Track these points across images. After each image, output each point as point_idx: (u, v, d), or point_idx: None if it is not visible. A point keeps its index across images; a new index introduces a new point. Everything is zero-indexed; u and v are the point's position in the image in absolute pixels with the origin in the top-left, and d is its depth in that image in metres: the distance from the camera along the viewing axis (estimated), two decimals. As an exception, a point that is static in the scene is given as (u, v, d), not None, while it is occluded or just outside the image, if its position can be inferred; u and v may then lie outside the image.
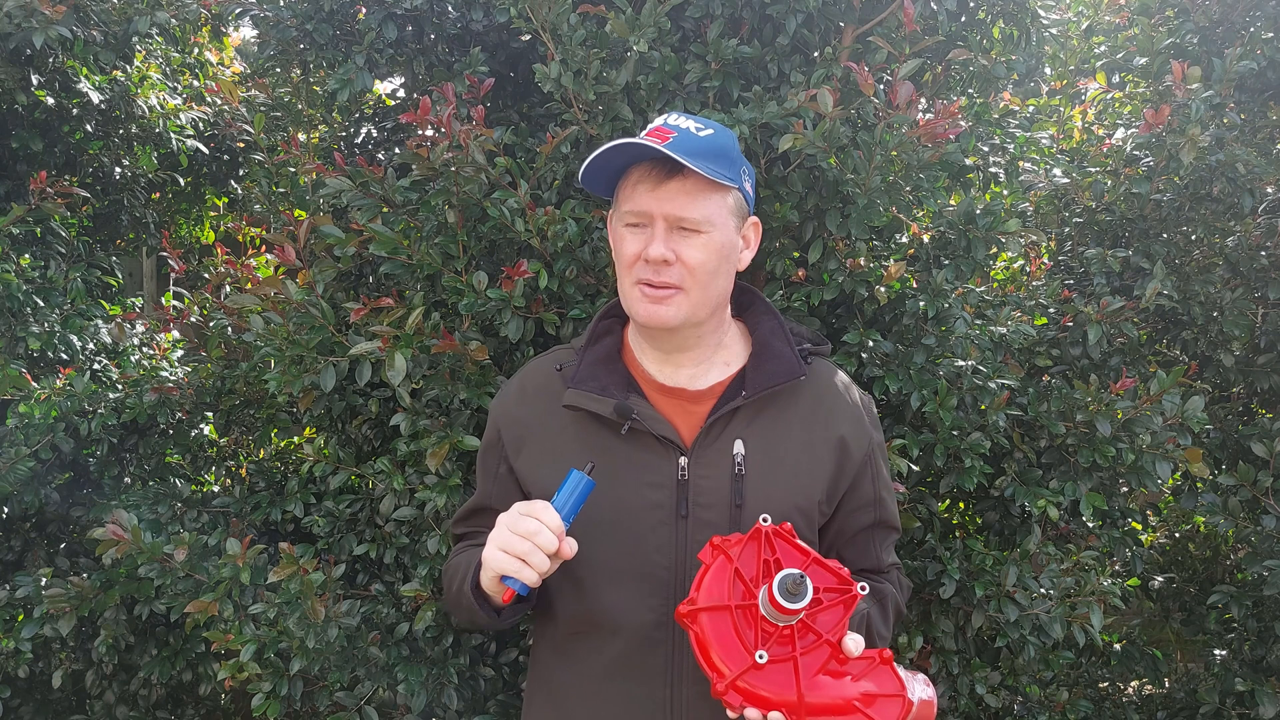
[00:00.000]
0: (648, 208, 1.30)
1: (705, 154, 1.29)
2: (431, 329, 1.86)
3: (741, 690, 1.16)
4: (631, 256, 1.32)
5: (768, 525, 1.22)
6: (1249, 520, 2.36)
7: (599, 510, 1.32)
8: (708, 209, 1.30)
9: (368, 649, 1.97)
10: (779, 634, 1.17)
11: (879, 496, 1.47)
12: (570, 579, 1.36)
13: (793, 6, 1.84)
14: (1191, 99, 2.19)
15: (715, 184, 1.30)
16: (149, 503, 2.31)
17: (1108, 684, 2.82)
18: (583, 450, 1.35)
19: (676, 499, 1.34)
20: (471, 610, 1.33)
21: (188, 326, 2.40)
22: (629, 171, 1.33)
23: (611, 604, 1.34)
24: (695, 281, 1.31)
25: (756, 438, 1.37)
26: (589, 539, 1.31)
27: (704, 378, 1.41)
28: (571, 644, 1.40)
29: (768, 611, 1.17)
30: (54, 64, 2.76)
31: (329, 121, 2.74)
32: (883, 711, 1.17)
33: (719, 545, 1.23)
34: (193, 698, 2.68)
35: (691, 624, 1.19)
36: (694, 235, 1.30)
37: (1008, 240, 2.04)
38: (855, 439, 1.42)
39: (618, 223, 1.36)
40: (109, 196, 3.13)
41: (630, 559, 1.34)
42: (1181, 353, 2.71)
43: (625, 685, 1.35)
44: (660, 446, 1.35)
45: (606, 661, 1.35)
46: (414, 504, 2.01)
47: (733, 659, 1.16)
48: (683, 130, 1.31)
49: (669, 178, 1.29)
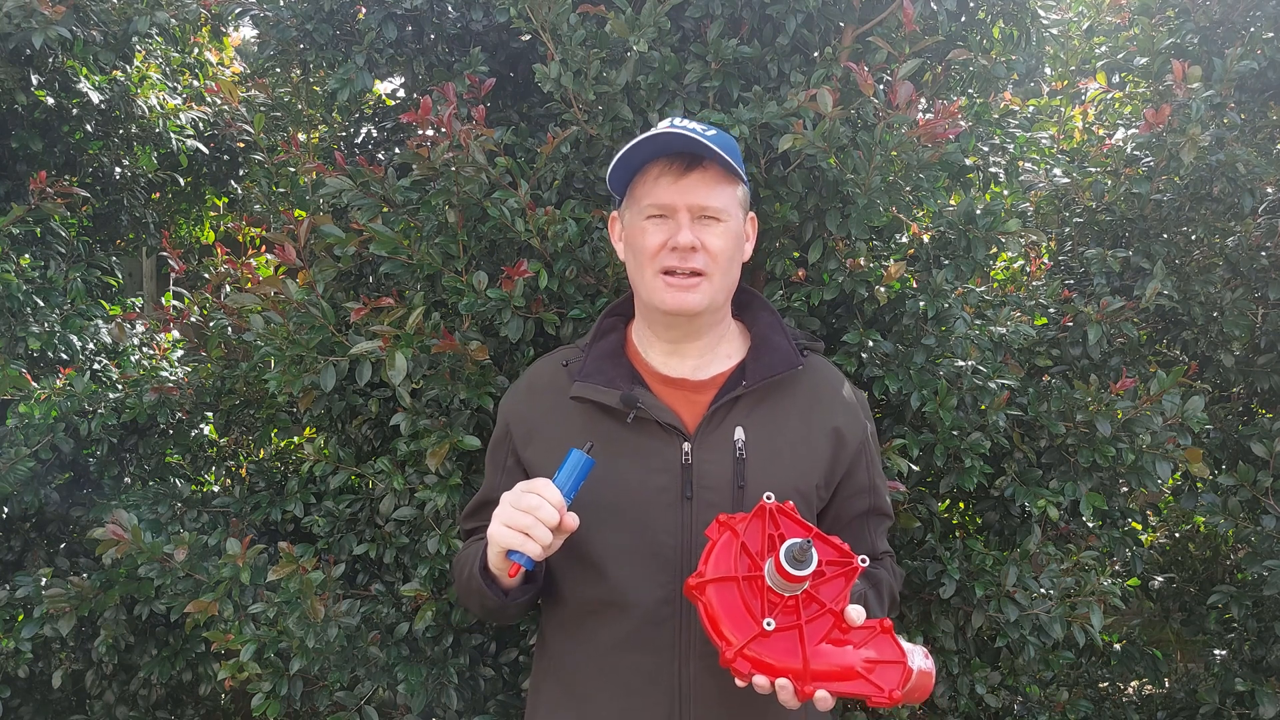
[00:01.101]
0: (671, 200, 1.38)
1: (720, 148, 1.36)
2: (431, 329, 1.86)
3: (749, 658, 1.21)
4: (655, 246, 1.39)
5: (771, 502, 1.27)
6: (1249, 520, 2.36)
7: (608, 495, 1.39)
8: (725, 199, 1.40)
9: (368, 649, 1.97)
10: (784, 604, 1.22)
11: (873, 484, 1.54)
12: (581, 561, 1.41)
13: (793, 6, 1.84)
14: (1192, 99, 2.19)
15: (729, 176, 1.40)
16: (149, 503, 2.31)
17: (1108, 684, 2.82)
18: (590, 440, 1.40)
19: (681, 482, 1.40)
20: (481, 594, 1.37)
21: (188, 326, 2.40)
22: (646, 168, 1.40)
23: (622, 582, 1.39)
24: (717, 267, 1.39)
25: (756, 425, 1.43)
26: (599, 522, 1.38)
27: (706, 369, 1.48)
28: (581, 623, 1.44)
29: (774, 582, 1.22)
30: (54, 64, 2.76)
31: (329, 121, 2.74)
32: (884, 677, 1.21)
33: (725, 522, 1.28)
34: (193, 698, 2.68)
35: (700, 596, 1.24)
36: (715, 223, 1.39)
37: (1008, 240, 2.04)
38: (850, 428, 1.50)
39: (636, 216, 1.42)
40: (109, 196, 3.13)
41: (639, 539, 1.39)
42: (1181, 353, 2.71)
43: (636, 659, 1.40)
44: (664, 433, 1.42)
45: (617, 638, 1.40)
46: (414, 504, 2.02)
47: (740, 628, 1.22)
48: (691, 129, 1.37)
49: (689, 170, 1.38)
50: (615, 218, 1.51)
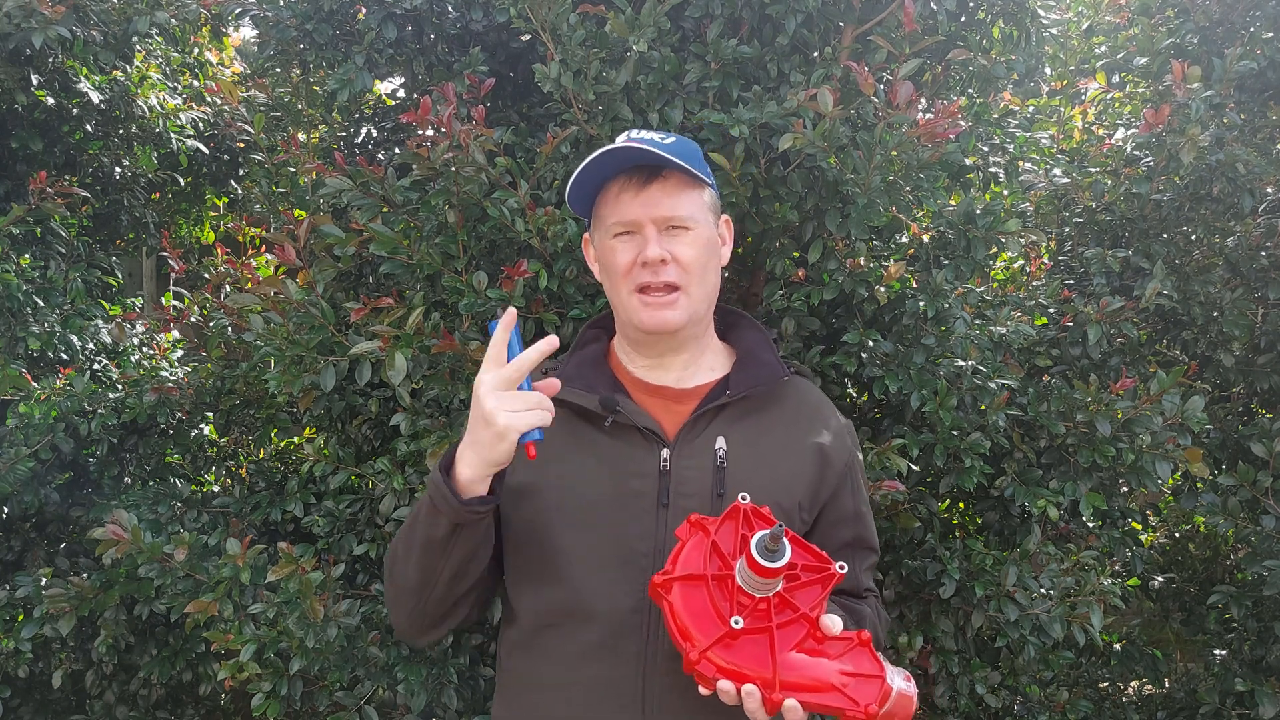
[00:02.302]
0: (634, 215, 1.35)
1: (677, 156, 1.34)
2: (431, 329, 1.86)
3: (714, 662, 1.13)
4: (626, 264, 1.36)
5: (746, 503, 1.22)
6: (1249, 520, 2.36)
7: (582, 499, 1.35)
8: (690, 206, 1.36)
9: (367, 649, 1.97)
10: (755, 606, 1.15)
11: (858, 512, 1.48)
12: (550, 567, 1.36)
13: (793, 6, 1.84)
14: (1191, 99, 2.19)
15: (692, 182, 1.37)
16: (149, 503, 2.31)
17: (1108, 684, 2.82)
18: (567, 444, 1.38)
19: (659, 488, 1.36)
20: (434, 513, 1.26)
21: (188, 326, 2.40)
22: (607, 186, 1.38)
23: (591, 590, 1.34)
24: (692, 278, 1.36)
25: (739, 435, 1.40)
26: (571, 525, 1.35)
27: (690, 380, 1.45)
28: (541, 638, 1.38)
29: (745, 581, 1.15)
30: (54, 64, 2.76)
31: (329, 121, 2.74)
32: (859, 691, 1.13)
33: (697, 522, 1.22)
34: (193, 698, 2.68)
35: (665, 595, 1.17)
36: (683, 232, 1.35)
37: (1008, 240, 2.04)
38: (835, 450, 1.45)
39: (603, 236, 1.39)
40: (109, 196, 3.13)
41: (612, 546, 1.35)
42: (1181, 353, 2.71)
43: (597, 670, 1.33)
44: (643, 439, 1.38)
45: (579, 648, 1.35)
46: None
47: (707, 631, 1.14)
48: (648, 140, 1.35)
49: (649, 182, 1.35)
50: (588, 239, 1.49)
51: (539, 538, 1.36)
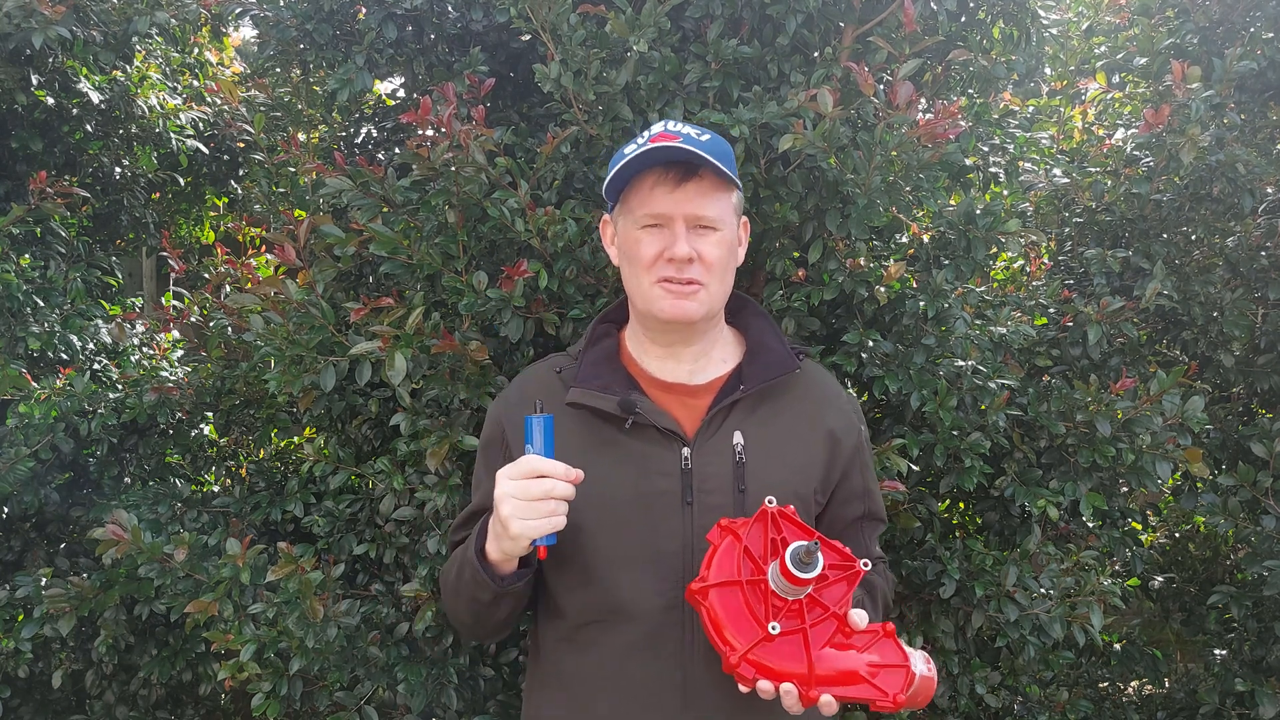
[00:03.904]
0: (667, 209, 1.36)
1: (714, 155, 1.35)
2: (431, 329, 1.86)
3: (753, 663, 1.20)
4: (652, 256, 1.38)
5: (773, 507, 1.27)
6: (1249, 520, 2.36)
7: (608, 501, 1.38)
8: (720, 208, 1.39)
9: (367, 649, 1.97)
10: (788, 608, 1.21)
11: (867, 488, 1.54)
12: (582, 570, 1.40)
13: (793, 7, 1.84)
14: (1191, 99, 2.19)
15: (724, 183, 1.39)
16: (149, 503, 2.31)
17: (1108, 684, 2.82)
18: (589, 446, 1.40)
19: (682, 487, 1.39)
20: (478, 586, 1.36)
21: (188, 326, 2.40)
22: (642, 176, 1.39)
23: (625, 590, 1.38)
24: (713, 276, 1.39)
25: (754, 428, 1.43)
26: (600, 528, 1.38)
27: (702, 374, 1.48)
28: (583, 633, 1.43)
29: (777, 585, 1.21)
30: (54, 64, 2.76)
31: (329, 121, 2.74)
32: (887, 681, 1.21)
33: (727, 526, 1.28)
34: (193, 698, 2.68)
35: (703, 600, 1.23)
36: (710, 233, 1.38)
37: (1008, 240, 2.04)
38: (844, 432, 1.50)
39: (631, 225, 1.41)
40: (109, 196, 3.13)
41: (641, 546, 1.38)
42: (1181, 353, 2.71)
43: (639, 665, 1.38)
44: (663, 438, 1.41)
45: (621, 646, 1.39)
46: (414, 504, 2.02)
47: (744, 633, 1.21)
48: (685, 135, 1.37)
49: (685, 180, 1.36)
50: (607, 220, 1.50)
51: (570, 539, 1.38)
